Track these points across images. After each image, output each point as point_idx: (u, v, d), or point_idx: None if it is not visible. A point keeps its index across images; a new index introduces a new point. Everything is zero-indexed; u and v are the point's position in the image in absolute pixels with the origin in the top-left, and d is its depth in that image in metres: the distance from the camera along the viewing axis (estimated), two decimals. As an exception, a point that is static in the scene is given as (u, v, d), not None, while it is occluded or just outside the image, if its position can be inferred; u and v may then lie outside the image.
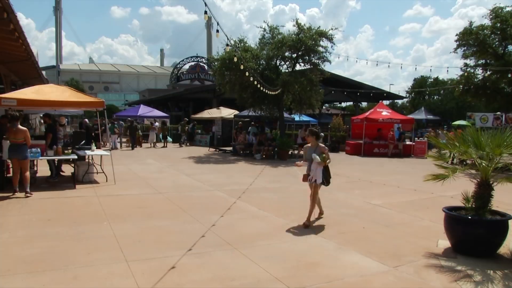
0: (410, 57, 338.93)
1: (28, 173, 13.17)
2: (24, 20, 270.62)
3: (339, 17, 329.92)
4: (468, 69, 39.03)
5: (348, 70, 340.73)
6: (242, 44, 28.97)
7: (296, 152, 29.67)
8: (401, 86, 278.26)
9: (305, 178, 10.72)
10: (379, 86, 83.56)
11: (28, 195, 12.81)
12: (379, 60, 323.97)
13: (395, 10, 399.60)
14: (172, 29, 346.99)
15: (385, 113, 33.36)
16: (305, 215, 10.37)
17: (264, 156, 27.62)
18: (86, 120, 25.35)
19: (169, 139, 40.94)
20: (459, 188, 9.17)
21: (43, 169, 16.80)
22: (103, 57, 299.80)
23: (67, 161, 16.92)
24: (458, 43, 38.15)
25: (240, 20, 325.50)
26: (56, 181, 15.75)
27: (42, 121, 29.25)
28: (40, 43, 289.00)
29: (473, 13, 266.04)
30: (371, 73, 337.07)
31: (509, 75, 35.04)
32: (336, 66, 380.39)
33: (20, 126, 13.04)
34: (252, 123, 34.02)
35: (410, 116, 44.26)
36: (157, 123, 40.45)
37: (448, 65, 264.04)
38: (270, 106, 29.96)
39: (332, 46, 28.83)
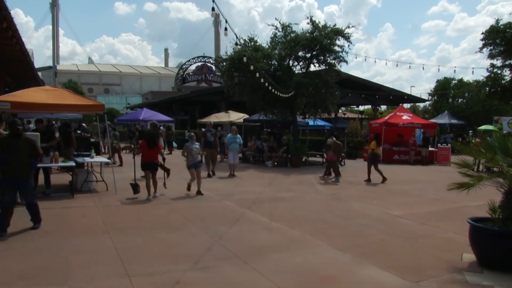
0: (434, 57, 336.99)
1: None
2: (23, 18, 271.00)
3: (359, 15, 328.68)
4: (494, 70, 38.87)
5: (368, 71, 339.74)
6: (252, 43, 28.90)
7: (310, 159, 29.70)
8: (423, 88, 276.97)
9: None
10: (401, 88, 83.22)
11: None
12: (400, 60, 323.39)
13: (419, 7, 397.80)
14: (180, 27, 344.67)
15: (406, 117, 33.32)
16: (321, 226, 10.39)
17: (276, 163, 27.62)
18: (84, 124, 25.40)
19: (174, 144, 40.92)
20: (485, 198, 9.13)
21: (40, 177, 16.87)
22: (105, 57, 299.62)
23: (65, 169, 16.99)
24: (484, 42, 37.98)
25: (253, 18, 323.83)
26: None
27: (34, 126, 29.45)
28: (37, 41, 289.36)
29: (503, 10, 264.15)
30: (392, 74, 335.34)
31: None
32: (354, 66, 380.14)
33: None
34: (268, 130, 34.00)
35: (433, 120, 44.08)
36: (162, 128, 40.48)
37: (474, 65, 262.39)
38: (283, 110, 29.81)
39: (349, 45, 28.77)
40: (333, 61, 28.72)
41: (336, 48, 28.27)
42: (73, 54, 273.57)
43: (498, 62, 38.77)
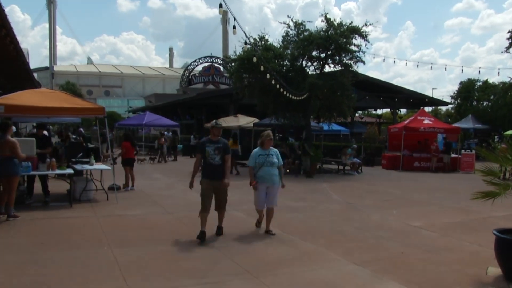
0: (458, 57, 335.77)
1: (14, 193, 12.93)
2: (20, 16, 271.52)
3: (378, 12, 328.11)
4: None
5: (387, 72, 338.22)
6: (263, 42, 28.84)
7: (325, 166, 29.66)
8: (446, 90, 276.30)
9: None
10: (422, 90, 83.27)
11: (11, 218, 12.59)
12: (422, 60, 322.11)
13: (442, 4, 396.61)
14: (186, 25, 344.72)
15: (427, 121, 33.21)
16: (336, 238, 10.36)
17: (288, 171, 27.52)
18: (81, 129, 25.45)
19: (179, 146, 40.93)
20: (513, 208, 9.11)
21: (36, 185, 16.89)
22: (106, 57, 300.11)
23: (62, 177, 17.02)
24: (511, 41, 37.88)
25: (266, 15, 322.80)
26: (30, 202, 15.26)
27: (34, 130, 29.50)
28: (34, 40, 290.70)
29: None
30: (413, 75, 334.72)
31: None
32: (372, 67, 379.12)
33: (9, 137, 12.91)
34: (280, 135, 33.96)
35: (456, 124, 43.97)
36: (170, 133, 40.46)
37: (501, 66, 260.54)
38: (295, 113, 29.82)
39: (366, 45, 28.73)
40: (349, 62, 28.80)
41: (353, 47, 28.28)
42: (73, 54, 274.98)
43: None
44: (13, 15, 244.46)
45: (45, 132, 18.49)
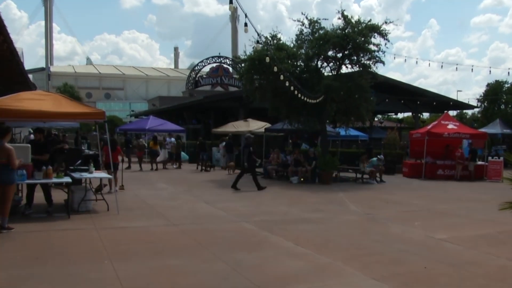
0: (486, 57, 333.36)
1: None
2: (16, 13, 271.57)
3: (401, 10, 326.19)
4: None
5: (410, 73, 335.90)
6: (275, 41, 28.80)
7: (342, 174, 29.65)
8: (472, 92, 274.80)
9: None
10: (446, 93, 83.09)
11: (4, 230, 12.57)
12: (447, 61, 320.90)
13: (469, 1, 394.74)
14: (193, 23, 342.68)
15: (452, 126, 33.09)
16: (354, 252, 10.35)
17: (302, 179, 27.59)
18: (83, 138, 25.53)
19: (185, 155, 40.81)
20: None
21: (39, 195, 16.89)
22: (108, 57, 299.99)
23: (59, 186, 17.04)
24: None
25: (280, 13, 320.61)
26: (30, 212, 15.26)
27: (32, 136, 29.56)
28: (30, 38, 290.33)
29: None
30: (437, 76, 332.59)
31: None
32: (393, 68, 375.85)
33: (6, 144, 12.95)
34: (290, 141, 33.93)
35: (483, 129, 43.82)
36: (172, 139, 40.36)
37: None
38: (310, 118, 29.66)
39: (386, 44, 28.57)
40: (368, 62, 28.69)
41: (372, 47, 28.12)
42: (72, 54, 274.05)
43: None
44: (9, 12, 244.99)
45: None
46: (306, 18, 29.40)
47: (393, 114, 75.31)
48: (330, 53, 28.79)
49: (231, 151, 37.16)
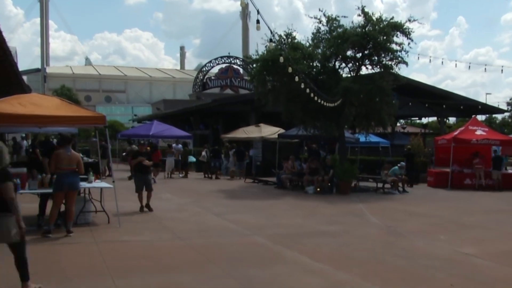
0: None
1: None
2: (11, 10, 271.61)
3: (427, 7, 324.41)
4: None
5: (435, 75, 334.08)
6: (290, 39, 28.78)
7: (361, 183, 29.62)
8: (502, 95, 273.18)
9: None
10: (475, 96, 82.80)
11: (70, 234, 13.31)
12: (476, 61, 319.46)
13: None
14: (202, 21, 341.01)
15: (480, 131, 32.90)
16: (375, 267, 10.36)
17: (318, 189, 27.56)
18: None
19: (192, 158, 40.63)
20: None
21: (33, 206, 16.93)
22: (110, 57, 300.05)
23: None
24: None
25: (296, 9, 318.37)
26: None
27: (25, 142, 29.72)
28: (25, 37, 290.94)
29: None
30: (465, 78, 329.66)
31: None
32: (417, 69, 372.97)
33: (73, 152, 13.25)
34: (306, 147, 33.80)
35: (514, 135, 43.72)
36: (179, 146, 40.25)
37: None
38: (327, 123, 29.50)
39: (409, 43, 28.47)
40: (390, 63, 28.58)
41: (394, 46, 28.05)
42: (72, 54, 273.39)
43: None
44: (4, 9, 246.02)
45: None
46: (324, 15, 29.27)
47: (417, 118, 75.26)
48: (349, 53, 28.83)
49: (242, 159, 37.18)
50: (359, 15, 28.64)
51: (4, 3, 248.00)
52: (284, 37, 28.51)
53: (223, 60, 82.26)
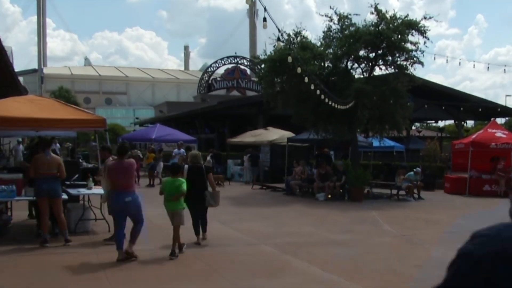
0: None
1: None
2: (9, 8, 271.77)
3: (445, 5, 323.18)
4: None
5: (453, 76, 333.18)
6: (299, 38, 28.75)
7: (374, 190, 29.56)
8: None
9: None
10: (494, 98, 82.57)
11: (69, 243, 13.25)
12: (496, 61, 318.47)
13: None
14: (208, 19, 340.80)
15: (500, 135, 32.78)
16: (389, 278, 10.32)
17: (329, 196, 27.48)
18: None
19: None
20: None
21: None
22: (111, 57, 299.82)
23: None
24: None
25: (307, 7, 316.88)
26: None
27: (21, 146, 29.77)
28: (22, 36, 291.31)
29: None
30: (484, 79, 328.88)
31: None
32: (434, 70, 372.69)
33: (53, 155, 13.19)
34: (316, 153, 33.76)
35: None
36: (182, 150, 40.01)
37: None
38: (339, 126, 29.44)
39: (425, 43, 28.34)
40: (405, 63, 28.50)
41: (409, 45, 27.92)
42: (72, 54, 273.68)
43: None
44: (1, 7, 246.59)
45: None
46: (335, 13, 29.17)
47: (433, 122, 75.18)
48: (361, 52, 28.76)
49: (256, 164, 37.11)
50: (372, 13, 28.58)
51: (1, 1, 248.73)
52: (293, 36, 28.47)
53: (229, 60, 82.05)
